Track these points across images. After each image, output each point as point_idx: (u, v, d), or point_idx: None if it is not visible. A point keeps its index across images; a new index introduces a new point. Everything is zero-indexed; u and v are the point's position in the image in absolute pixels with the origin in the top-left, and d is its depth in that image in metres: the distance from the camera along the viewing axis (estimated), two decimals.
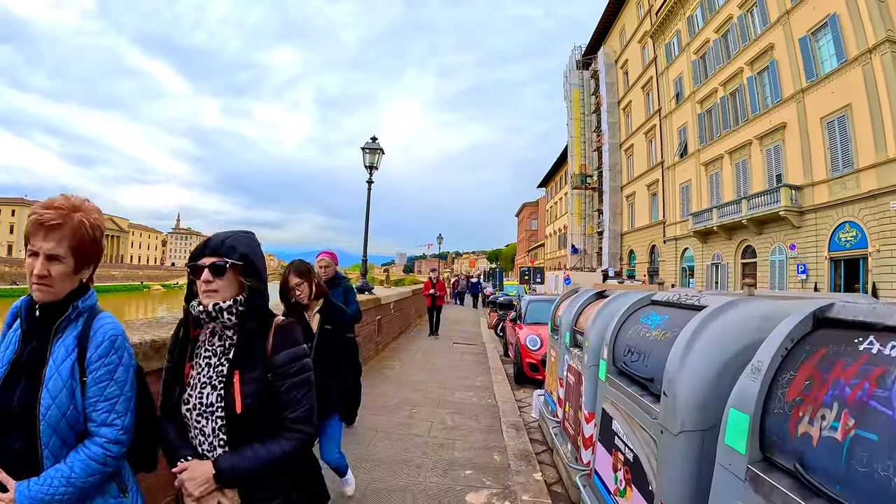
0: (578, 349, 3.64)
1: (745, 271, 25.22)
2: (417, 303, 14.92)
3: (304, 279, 3.13)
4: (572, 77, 48.91)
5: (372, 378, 7.08)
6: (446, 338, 12.40)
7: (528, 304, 9.10)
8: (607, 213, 41.60)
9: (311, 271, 3.22)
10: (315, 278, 3.22)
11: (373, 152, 8.65)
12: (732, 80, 26.12)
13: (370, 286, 9.17)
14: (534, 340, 7.62)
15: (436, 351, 9.98)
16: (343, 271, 24.36)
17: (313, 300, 3.18)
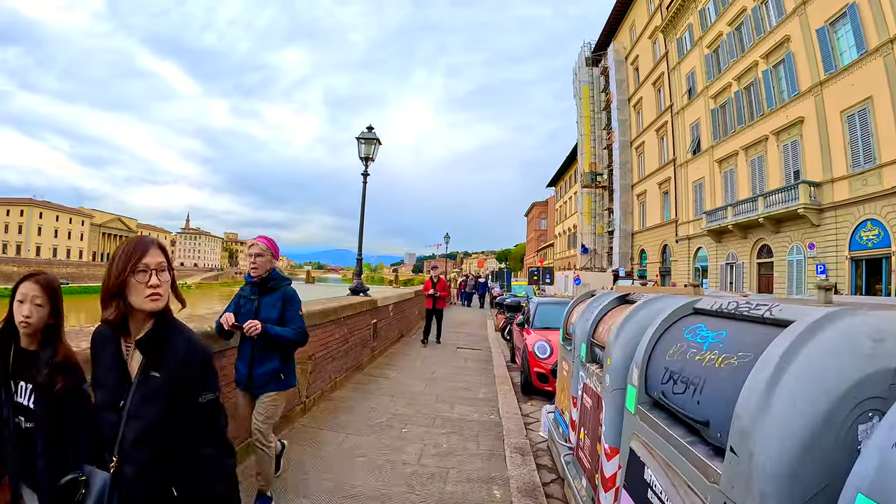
0: (597, 366, 3.03)
1: (760, 272, 24.42)
2: (420, 304, 14.21)
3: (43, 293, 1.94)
4: (582, 74, 48.12)
5: (363, 389, 6.50)
6: (450, 343, 11.64)
7: (537, 308, 8.44)
8: (618, 211, 40.80)
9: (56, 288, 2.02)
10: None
11: (368, 143, 8.05)
12: (747, 73, 25.30)
13: (365, 287, 8.55)
14: (543, 348, 6.95)
15: (437, 357, 9.32)
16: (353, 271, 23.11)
17: None
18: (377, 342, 8.32)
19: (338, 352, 6.07)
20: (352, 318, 6.73)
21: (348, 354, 6.61)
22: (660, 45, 36.09)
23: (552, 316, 8.16)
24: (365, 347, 7.59)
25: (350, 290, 8.25)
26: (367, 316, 7.70)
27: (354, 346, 6.92)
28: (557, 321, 7.92)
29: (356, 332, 6.93)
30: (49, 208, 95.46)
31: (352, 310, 6.68)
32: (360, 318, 7.15)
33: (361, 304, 7.23)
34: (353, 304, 6.70)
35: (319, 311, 5.20)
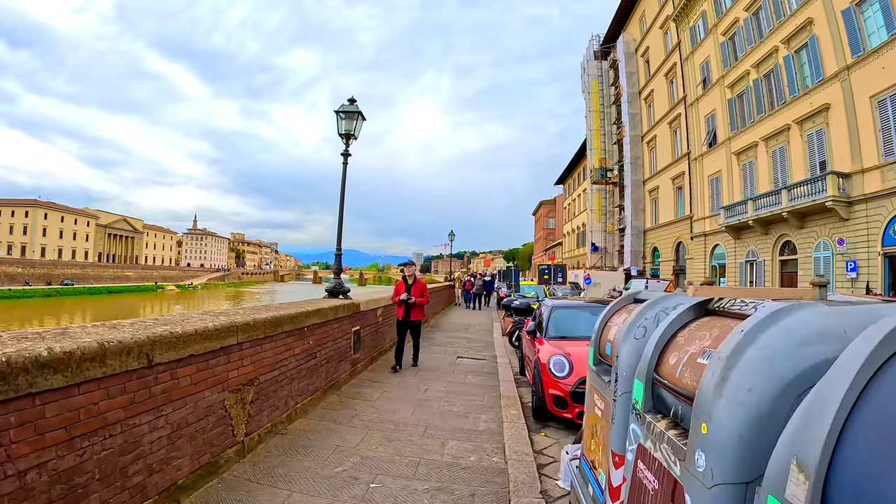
0: (668, 424, 1.76)
1: (783, 269, 23.00)
2: None
3: None
4: (590, 68, 46.79)
5: (333, 417, 5.14)
6: (450, 352, 10.22)
7: (552, 313, 7.09)
8: (629, 208, 39.44)
9: None
10: None
11: (350, 117, 6.77)
12: (766, 60, 23.91)
13: (344, 287, 7.18)
14: (560, 364, 5.63)
15: (433, 371, 7.91)
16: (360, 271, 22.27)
17: None
18: (361, 353, 7.05)
19: (298, 371, 4.91)
20: (321, 327, 5.48)
21: (316, 372, 5.34)
22: (671, 34, 34.79)
23: (571, 323, 6.95)
24: (343, 361, 6.39)
25: (327, 292, 7.01)
26: (346, 323, 6.48)
27: (326, 361, 5.74)
28: (577, 329, 6.74)
29: (328, 344, 5.66)
30: (54, 209, 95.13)
31: (320, 316, 5.43)
32: (335, 325, 5.94)
33: (337, 309, 5.99)
34: (322, 309, 5.47)
35: (266, 321, 4.01)
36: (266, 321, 4.01)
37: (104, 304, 61.61)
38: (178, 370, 3.07)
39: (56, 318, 47.29)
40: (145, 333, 2.85)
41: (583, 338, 6.38)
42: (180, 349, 3.05)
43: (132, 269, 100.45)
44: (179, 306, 66.20)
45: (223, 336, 3.45)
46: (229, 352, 3.59)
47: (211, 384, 3.39)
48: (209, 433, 3.41)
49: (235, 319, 3.65)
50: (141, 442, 2.85)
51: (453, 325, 15.74)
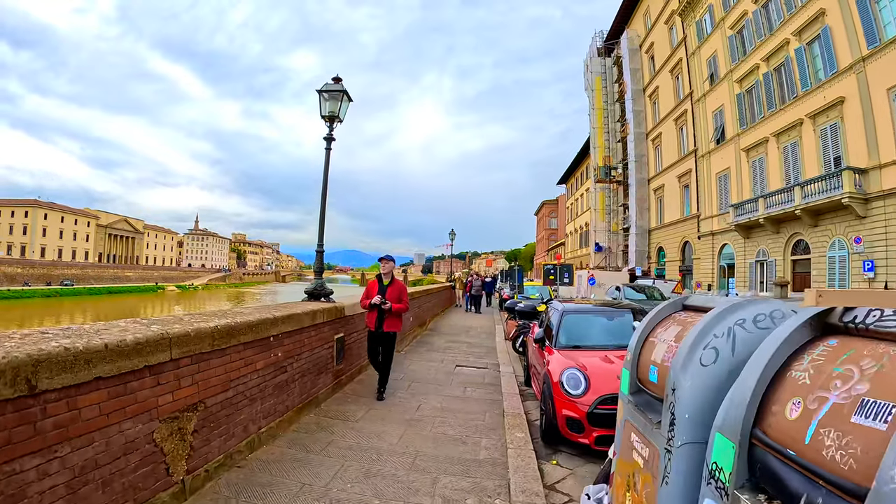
0: None
1: (795, 269, 22.21)
2: (414, 309, 12.08)
3: None
4: (593, 65, 46.08)
5: (305, 444, 4.30)
6: (449, 359, 9.29)
7: (563, 318, 6.23)
8: (633, 207, 38.65)
9: None
10: None
11: (334, 97, 5.96)
12: (777, 53, 23.14)
13: (327, 290, 6.41)
14: (574, 380, 4.81)
15: (429, 384, 6.98)
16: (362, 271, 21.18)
17: None
18: (346, 364, 6.35)
19: (262, 389, 4.15)
20: (294, 336, 4.73)
21: (287, 389, 4.66)
22: (677, 29, 34.06)
23: (585, 330, 6.19)
24: (323, 374, 5.59)
25: (306, 294, 6.35)
26: (327, 330, 5.68)
27: (301, 376, 4.98)
28: (593, 337, 6.00)
29: (304, 355, 4.88)
30: (54, 209, 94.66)
31: (292, 323, 4.60)
32: (313, 333, 5.20)
33: (315, 315, 5.16)
34: (295, 314, 4.65)
35: (214, 331, 3.30)
36: (214, 331, 3.24)
37: (104, 305, 61.08)
38: (78, 398, 2.32)
39: (55, 318, 46.78)
40: (26, 350, 2.11)
41: (599, 347, 5.70)
42: (81, 370, 2.30)
43: (132, 270, 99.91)
44: (180, 307, 65.78)
45: (149, 351, 2.70)
46: (159, 371, 2.84)
47: (132, 413, 2.64)
48: (132, 475, 2.66)
49: (169, 329, 2.89)
50: (25, 494, 2.12)
51: (453, 328, 14.96)
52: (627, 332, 5.97)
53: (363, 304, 6.18)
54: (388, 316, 6.06)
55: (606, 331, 6.18)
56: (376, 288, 6.18)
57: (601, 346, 5.74)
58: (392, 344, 6.27)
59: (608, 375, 4.73)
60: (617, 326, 6.22)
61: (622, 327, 6.16)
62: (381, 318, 6.04)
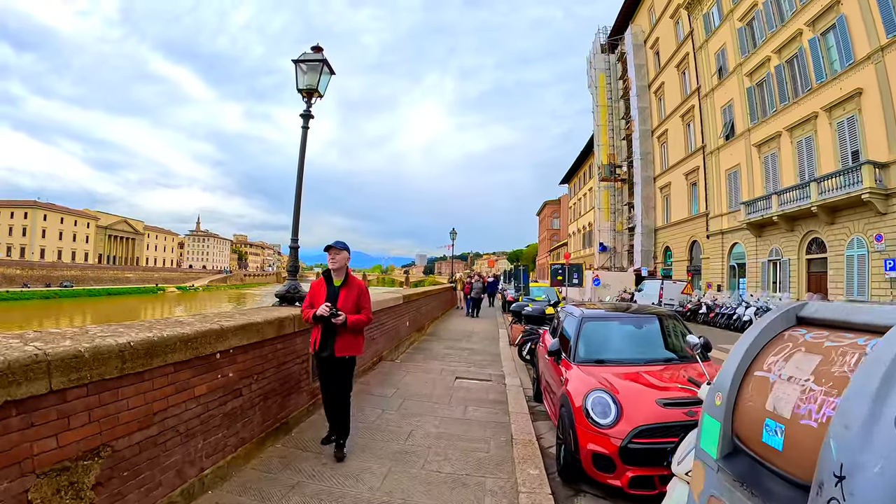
0: None
1: (810, 269, 21.32)
2: (411, 312, 11.17)
3: None
4: (597, 61, 45.26)
5: (262, 488, 3.43)
6: (448, 370, 8.23)
7: (582, 326, 5.20)
8: (639, 206, 37.79)
9: None
10: None
11: (313, 69, 5.04)
12: (789, 44, 22.28)
13: (303, 292, 5.22)
14: (602, 405, 3.86)
15: (424, 401, 6.00)
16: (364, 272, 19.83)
17: None
18: None
19: (205, 420, 3.28)
20: (253, 350, 3.84)
21: (242, 417, 3.79)
22: (683, 23, 33.25)
23: (612, 341, 5.22)
24: (295, 393, 4.67)
25: (278, 298, 5.44)
26: (300, 341, 4.71)
27: (264, 399, 4.08)
28: (621, 350, 5.03)
29: (268, 373, 4.02)
30: (53, 210, 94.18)
31: (248, 335, 3.65)
32: (279, 346, 4.32)
33: (281, 323, 4.20)
34: (253, 323, 3.73)
35: (124, 349, 2.44)
36: (124, 350, 2.37)
37: (103, 306, 60.50)
38: None
39: (55, 319, 46.22)
40: None
41: (628, 362, 4.80)
42: None
43: (132, 271, 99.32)
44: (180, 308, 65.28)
45: (12, 381, 1.89)
46: (33, 408, 2.03)
47: None
48: None
49: (51, 349, 2.07)
50: None
51: (453, 333, 14.06)
52: (659, 342, 5.18)
53: (305, 317, 4.25)
54: (342, 333, 4.14)
55: (635, 342, 5.26)
56: (323, 291, 4.29)
57: (630, 360, 4.83)
58: (348, 375, 4.32)
59: (644, 400, 3.89)
60: (647, 336, 5.32)
61: (653, 337, 5.29)
62: (330, 337, 4.14)
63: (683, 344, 4.86)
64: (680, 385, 3.94)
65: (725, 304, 20.31)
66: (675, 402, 3.74)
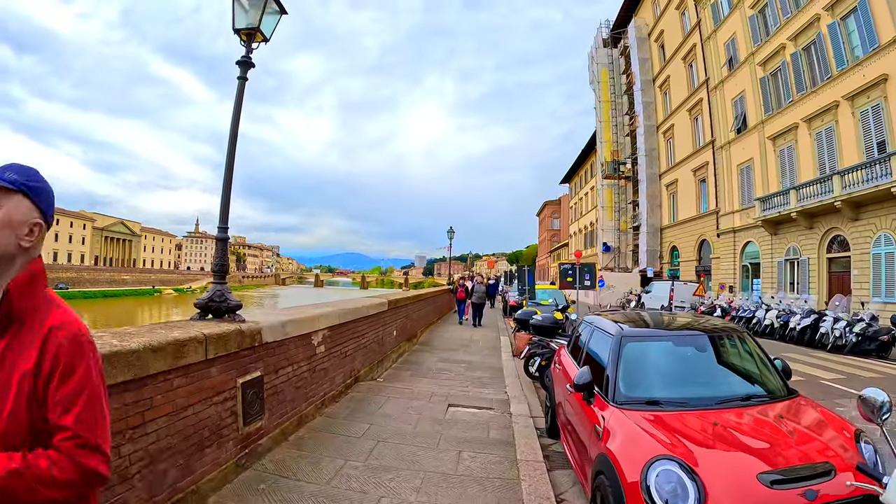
0: None
1: (831, 269, 19.99)
2: (399, 320, 9.76)
3: None
4: (599, 56, 43.98)
5: None
6: (440, 393, 6.69)
7: (623, 348, 3.64)
8: (644, 204, 36.47)
9: None
10: None
11: (254, 5, 3.70)
12: (806, 31, 21.00)
13: (232, 302, 3.81)
14: (673, 487, 2.33)
15: (405, 443, 4.56)
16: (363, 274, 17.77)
17: None
18: (267, 420, 3.99)
19: None
20: (125, 394, 2.48)
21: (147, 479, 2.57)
22: (689, 14, 31.98)
23: (666, 369, 3.68)
24: (212, 447, 3.27)
25: (198, 308, 3.80)
26: (219, 371, 3.31)
27: (150, 462, 2.69)
28: (682, 383, 3.45)
29: (156, 422, 2.61)
30: None
31: (120, 371, 2.38)
32: (175, 384, 2.89)
33: (178, 350, 2.84)
34: (119, 353, 2.38)
35: None
36: None
37: (98, 309, 59.39)
38: None
39: None
40: None
41: (698, 402, 3.21)
42: None
43: (129, 273, 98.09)
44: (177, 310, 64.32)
45: None
46: None
47: None
48: None
49: None
50: None
51: (449, 342, 12.67)
52: (732, 370, 3.74)
53: None
54: None
55: (699, 370, 3.70)
56: None
57: (697, 400, 3.23)
58: None
59: (739, 474, 2.41)
60: (713, 361, 3.75)
61: (722, 363, 3.78)
62: None
63: (766, 370, 3.52)
64: (791, 445, 2.62)
65: (743, 306, 18.91)
66: (786, 477, 2.35)
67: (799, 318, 15.21)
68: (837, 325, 13.84)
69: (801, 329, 14.73)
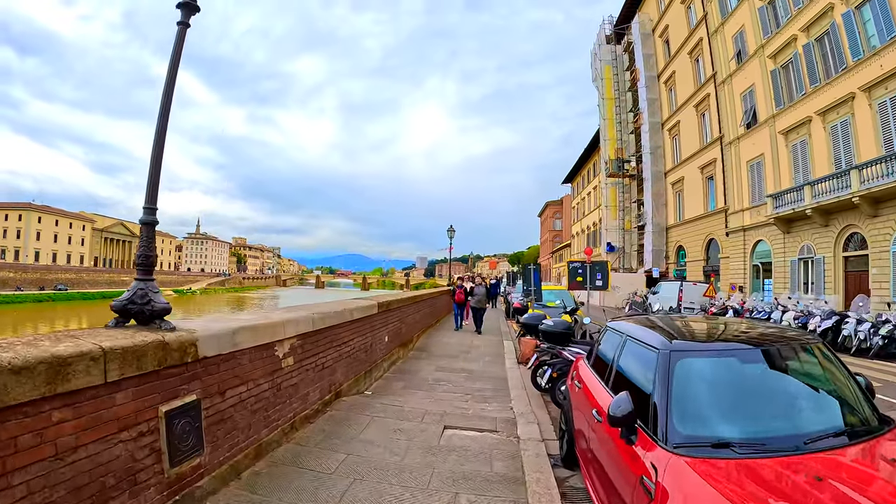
0: None
1: (848, 268, 19.12)
2: (392, 324, 8.89)
3: None
4: (602, 53, 43.19)
5: None
6: (434, 411, 5.84)
7: (674, 368, 2.65)
8: (649, 203, 35.59)
9: None
10: None
11: None
12: (819, 21, 20.17)
13: (158, 304, 3.02)
14: None
15: (388, 479, 3.73)
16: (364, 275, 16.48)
17: None
18: (209, 455, 3.18)
19: None
20: None
21: None
22: (696, 8, 31.17)
23: (737, 396, 2.69)
24: (120, 497, 2.38)
25: (116, 313, 2.96)
26: (133, 396, 2.47)
27: None
28: (759, 417, 2.50)
29: (19, 478, 1.87)
30: (48, 212, 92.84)
31: None
32: (54, 417, 2.02)
33: (60, 369, 2.00)
34: None
35: None
36: None
37: (97, 310, 58.76)
38: None
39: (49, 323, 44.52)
40: None
41: (782, 444, 2.32)
42: None
43: (129, 274, 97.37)
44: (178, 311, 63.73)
45: None
46: None
47: None
48: None
49: None
50: None
51: (448, 348, 11.83)
52: (818, 396, 2.81)
53: None
54: None
55: (775, 396, 2.74)
56: None
57: (780, 438, 2.36)
58: None
59: None
60: (791, 383, 2.87)
61: (804, 385, 2.86)
62: None
63: (854, 392, 2.72)
64: None
65: (757, 307, 18.05)
66: None
67: (819, 319, 14.35)
68: (861, 328, 12.99)
69: (822, 332, 13.86)
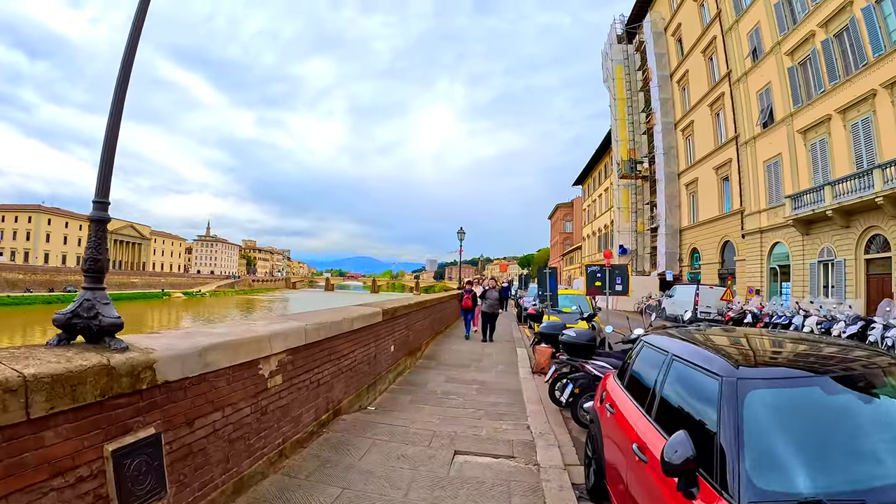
0: None
1: (870, 271, 18.45)
2: (399, 331, 8.45)
3: None
4: (614, 53, 42.57)
5: None
6: (442, 432, 5.32)
7: (746, 401, 2.11)
8: (662, 205, 34.92)
9: None
10: None
11: None
12: (837, 16, 19.56)
13: (108, 319, 2.45)
14: None
15: None
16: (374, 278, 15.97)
17: None
18: (178, 494, 2.68)
19: None
20: None
21: None
22: (709, 6, 30.55)
23: (826, 438, 2.06)
24: None
25: (59, 328, 2.35)
26: (93, 432, 2.08)
27: None
28: (852, 464, 2.00)
29: None
30: (58, 215, 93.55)
31: None
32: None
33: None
34: None
35: None
36: None
37: None
38: None
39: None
40: None
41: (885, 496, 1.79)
42: None
43: (139, 276, 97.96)
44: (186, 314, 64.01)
45: None
46: None
47: None
48: None
49: None
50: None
51: (458, 356, 11.33)
52: None
53: None
54: None
55: (867, 433, 2.13)
56: None
57: (882, 490, 1.81)
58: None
59: None
60: (883, 414, 2.24)
61: None
62: None
63: None
64: None
65: (777, 312, 17.39)
66: None
67: (843, 325, 13.72)
68: (889, 334, 12.36)
69: (847, 338, 13.26)
